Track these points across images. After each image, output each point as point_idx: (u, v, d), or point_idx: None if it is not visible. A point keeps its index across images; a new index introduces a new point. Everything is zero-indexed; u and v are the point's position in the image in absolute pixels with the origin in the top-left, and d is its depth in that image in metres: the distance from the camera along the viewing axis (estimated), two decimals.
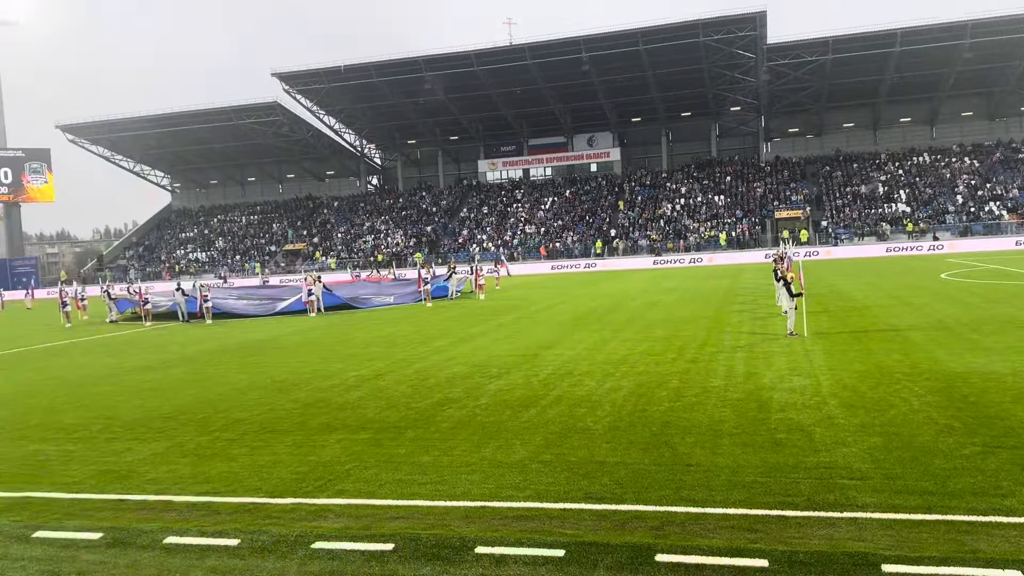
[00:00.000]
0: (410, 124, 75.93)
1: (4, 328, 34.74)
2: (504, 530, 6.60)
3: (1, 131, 79.79)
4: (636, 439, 9.26)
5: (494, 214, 72.62)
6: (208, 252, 78.34)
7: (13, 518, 7.63)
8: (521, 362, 15.42)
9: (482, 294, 35.16)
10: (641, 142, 75.44)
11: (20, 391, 15.65)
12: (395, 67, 64.99)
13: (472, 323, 23.78)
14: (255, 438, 10.39)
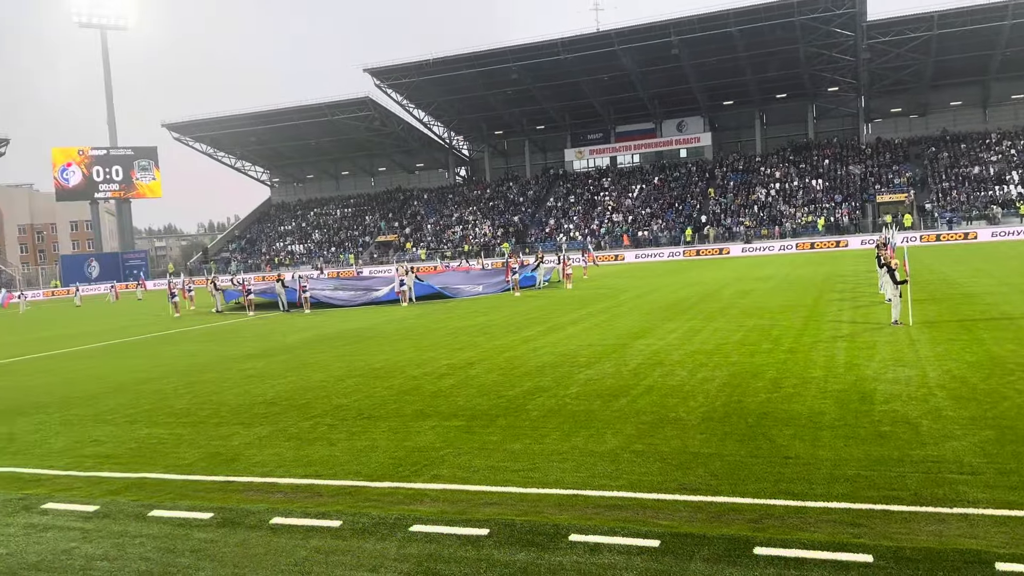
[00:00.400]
0: (497, 115, 76.35)
1: (117, 318, 36.89)
2: (597, 519, 6.60)
3: (112, 131, 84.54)
4: (731, 430, 9.08)
5: (581, 203, 72.30)
6: (305, 244, 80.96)
7: (130, 497, 8.11)
8: (610, 351, 15.34)
9: (569, 283, 35.11)
10: (733, 126, 73.57)
11: (133, 378, 16.60)
12: (482, 59, 65.44)
13: (560, 312, 23.78)
14: (353, 424, 10.72)
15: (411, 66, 67.04)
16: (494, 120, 78.22)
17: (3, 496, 8.42)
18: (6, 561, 6.53)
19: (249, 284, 35.37)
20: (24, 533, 7.22)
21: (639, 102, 71.23)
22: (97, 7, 79.28)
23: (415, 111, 75.46)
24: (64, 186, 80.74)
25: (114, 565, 6.30)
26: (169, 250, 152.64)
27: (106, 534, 7.04)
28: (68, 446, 10.60)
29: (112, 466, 9.37)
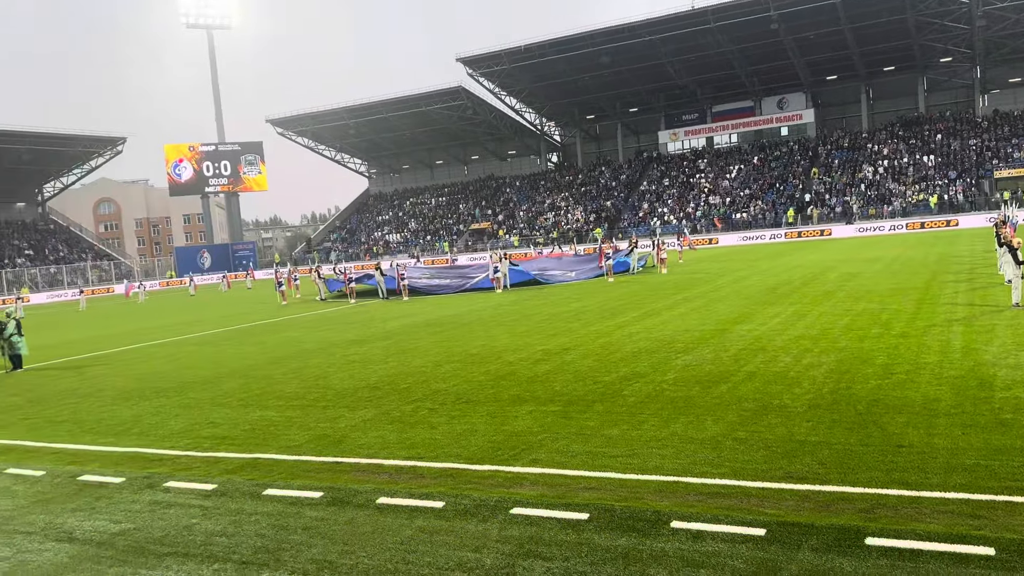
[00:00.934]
0: (589, 99, 75.76)
1: (229, 306, 38.70)
2: (700, 506, 6.51)
3: (220, 127, 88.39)
4: (840, 418, 8.77)
5: (676, 186, 71.00)
6: (401, 233, 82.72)
7: (246, 476, 8.52)
8: (709, 337, 15.04)
9: (664, 268, 34.59)
10: (837, 101, 70.55)
11: (245, 363, 17.40)
12: (573, 43, 64.97)
13: (655, 298, 23.48)
14: (452, 408, 10.92)
15: (503, 53, 67.26)
16: (586, 104, 77.63)
17: (130, 474, 9.00)
18: (134, 536, 6.98)
19: (350, 273, 36.44)
20: (149, 509, 7.70)
21: (736, 80, 69.21)
22: (204, 8, 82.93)
23: (507, 98, 75.74)
24: (177, 181, 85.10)
25: (232, 541, 6.64)
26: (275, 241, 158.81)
27: (224, 511, 7.43)
28: (187, 428, 11.22)
29: (228, 447, 9.87)
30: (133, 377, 16.75)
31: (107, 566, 6.33)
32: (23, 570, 6.39)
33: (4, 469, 9.73)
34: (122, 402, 13.76)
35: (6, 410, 13.98)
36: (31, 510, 7.97)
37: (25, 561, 6.58)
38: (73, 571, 6.28)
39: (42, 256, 79.48)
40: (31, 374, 18.78)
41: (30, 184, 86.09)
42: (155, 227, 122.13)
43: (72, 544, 6.90)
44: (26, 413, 13.51)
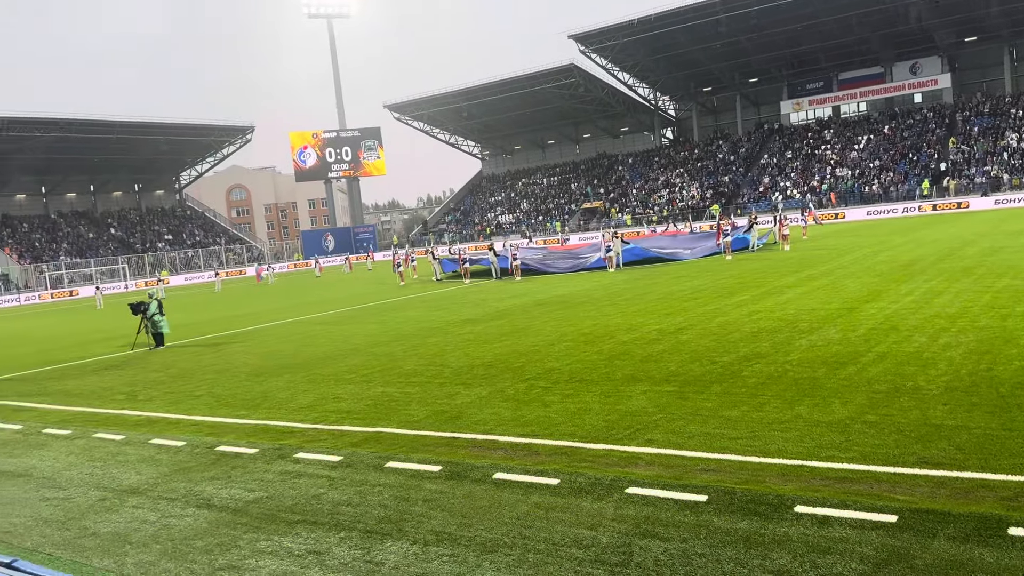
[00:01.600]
0: (705, 71, 73.60)
1: (351, 287, 40.18)
2: (826, 491, 6.25)
3: (341, 114, 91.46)
4: (980, 401, 8.20)
5: (799, 158, 68.06)
6: (514, 214, 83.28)
7: (369, 449, 8.84)
8: (835, 316, 14.38)
9: (787, 245, 33.28)
10: (977, 65, 65.57)
11: (367, 341, 18.02)
12: (689, 13, 63.16)
13: (777, 276, 22.64)
14: (566, 386, 10.93)
15: (615, 28, 66.21)
16: (702, 76, 75.47)
17: (262, 445, 9.50)
18: (266, 504, 7.38)
19: (464, 254, 37.04)
20: (280, 479, 8.11)
21: (865, 45, 65.43)
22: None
23: (619, 74, 74.59)
24: (301, 167, 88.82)
25: (357, 511, 6.91)
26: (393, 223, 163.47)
27: (349, 482, 7.74)
28: (313, 402, 11.74)
29: (352, 421, 10.26)
30: (264, 354, 17.67)
31: (242, 532, 6.71)
32: (167, 533, 6.87)
33: (149, 439, 10.48)
34: (254, 377, 14.55)
35: (150, 385, 15.07)
36: (173, 478, 8.55)
37: (169, 525, 7.07)
38: (212, 535, 6.70)
39: (180, 240, 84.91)
40: (172, 351, 20.14)
41: (168, 172, 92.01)
42: (282, 212, 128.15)
43: (210, 510, 7.36)
44: (168, 388, 14.51)
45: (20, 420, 12.81)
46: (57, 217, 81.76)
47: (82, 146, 75.27)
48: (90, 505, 7.89)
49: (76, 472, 9.24)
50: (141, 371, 17.05)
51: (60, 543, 6.88)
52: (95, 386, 15.57)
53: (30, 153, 71.77)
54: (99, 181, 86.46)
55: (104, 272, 71.82)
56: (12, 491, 8.71)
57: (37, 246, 74.95)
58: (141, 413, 12.35)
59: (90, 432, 11.30)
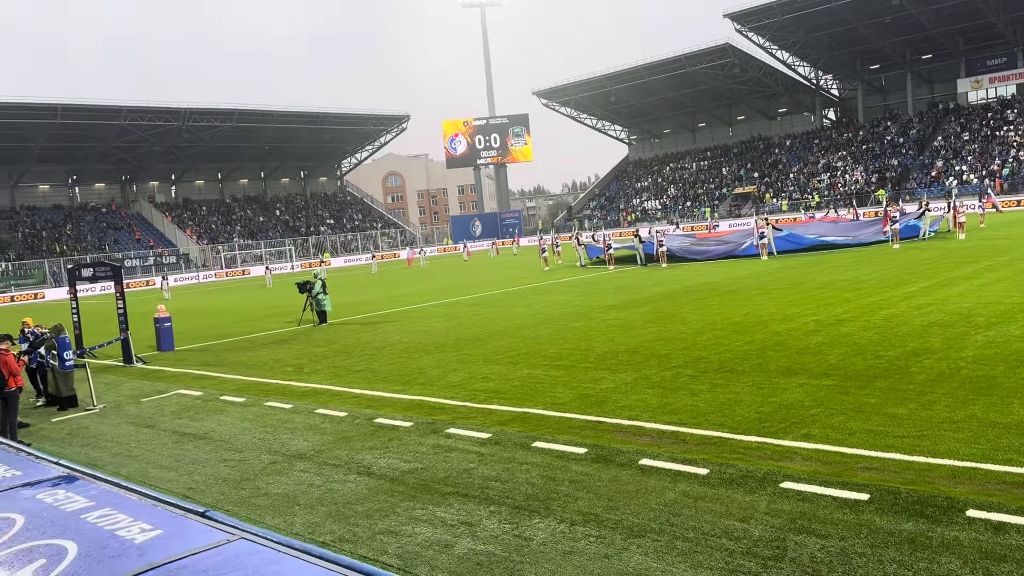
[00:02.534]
0: (873, 47, 68.96)
1: (498, 271, 40.96)
2: (1001, 496, 5.79)
3: (490, 102, 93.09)
4: None
5: (977, 141, 62.58)
6: (660, 200, 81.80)
7: (516, 428, 9.03)
8: (1017, 311, 13.18)
9: (962, 233, 30.76)
10: None
11: (513, 324, 18.34)
12: None
13: (950, 266, 21.02)
14: (715, 376, 10.68)
15: (774, 5, 63.27)
16: (869, 54, 70.77)
17: (416, 419, 9.93)
18: (421, 475, 7.72)
19: (609, 239, 36.83)
20: (433, 452, 8.46)
21: None
22: None
23: (778, 52, 71.29)
24: (452, 154, 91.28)
25: (505, 486, 7.10)
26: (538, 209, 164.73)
27: (498, 459, 7.96)
28: (463, 381, 12.12)
29: (500, 400, 10.51)
30: (417, 333, 18.40)
31: (399, 499, 7.07)
32: (331, 497, 7.35)
33: (314, 409, 11.20)
34: (408, 355, 15.20)
35: (315, 359, 16.06)
36: (336, 445, 9.11)
37: (333, 489, 7.56)
38: (371, 501, 7.10)
39: (341, 224, 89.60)
40: (334, 328, 21.35)
41: (331, 160, 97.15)
42: (433, 197, 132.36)
43: (370, 478, 7.79)
44: (331, 362, 15.42)
45: (201, 387, 14.04)
46: (231, 201, 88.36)
47: (254, 135, 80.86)
48: (263, 467, 8.56)
49: (250, 436, 10.03)
50: (306, 346, 18.21)
51: (236, 500, 7.51)
52: (266, 358, 16.79)
53: (209, 142, 77.95)
54: (269, 168, 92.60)
55: (272, 253, 77.00)
56: (195, 452, 9.59)
57: (214, 228, 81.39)
58: (307, 384, 13.22)
59: (262, 400, 12.23)
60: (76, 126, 67.50)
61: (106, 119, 68.50)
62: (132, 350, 17.97)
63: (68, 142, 71.09)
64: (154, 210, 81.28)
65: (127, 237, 76.17)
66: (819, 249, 31.06)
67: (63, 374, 13.35)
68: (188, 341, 21.20)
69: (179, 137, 75.07)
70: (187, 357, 18.30)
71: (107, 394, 14.21)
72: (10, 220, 72.10)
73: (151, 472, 8.80)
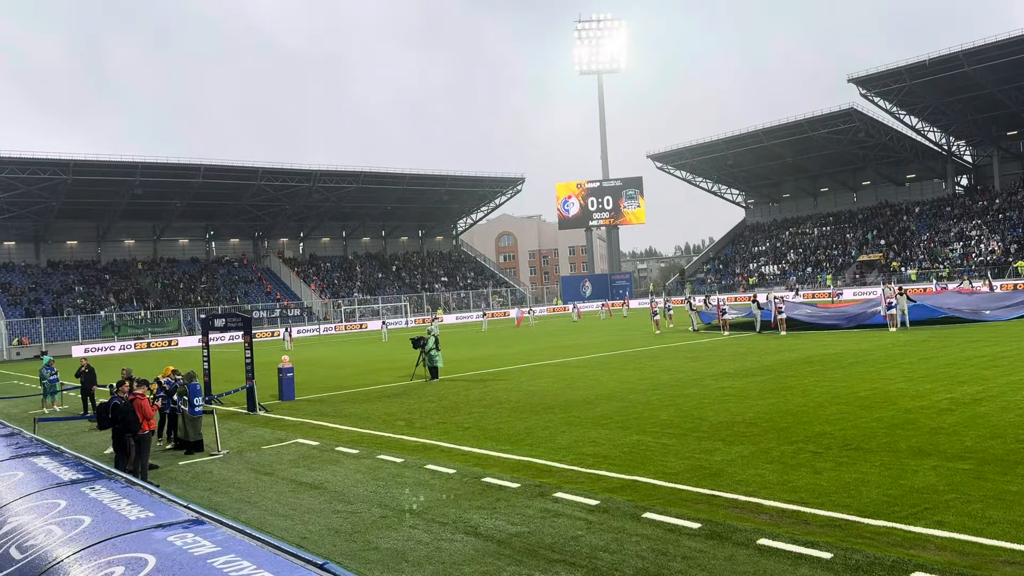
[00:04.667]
0: (1010, 113, 65.46)
1: (607, 333, 40.62)
2: None
3: (604, 164, 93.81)
4: None
5: None
6: (779, 264, 79.44)
7: (625, 497, 8.83)
8: None
9: None
10: None
11: (623, 387, 18.09)
12: (992, 51, 56.84)
13: None
14: (839, 453, 10.14)
15: (903, 70, 61.36)
16: (1006, 119, 67.17)
17: (524, 481, 9.88)
18: (528, 539, 7.64)
19: (724, 304, 35.97)
20: (541, 516, 8.37)
21: None
22: (595, 55, 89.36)
23: (906, 118, 68.79)
24: (565, 216, 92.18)
25: (615, 558, 6.92)
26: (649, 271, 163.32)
27: (607, 528, 7.78)
28: (571, 443, 12.00)
29: (608, 466, 10.33)
30: (525, 392, 18.42)
31: (505, 563, 7.01)
32: (439, 555, 7.37)
33: (424, 464, 11.34)
34: (517, 414, 15.21)
35: (426, 414, 16.32)
36: (445, 503, 9.17)
37: (440, 548, 7.58)
38: (478, 563, 7.07)
39: (454, 282, 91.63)
40: (445, 384, 21.67)
41: (448, 220, 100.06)
42: (545, 258, 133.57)
43: (477, 539, 7.78)
44: (441, 418, 15.62)
45: (317, 437, 14.50)
46: (353, 258, 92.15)
47: (378, 195, 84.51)
48: (373, 521, 8.70)
49: (362, 489, 10.24)
50: (418, 400, 18.55)
51: (347, 553, 7.65)
52: (380, 411, 17.20)
53: (335, 202, 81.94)
54: (389, 227, 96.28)
55: (389, 308, 79.41)
56: (310, 501, 9.86)
57: (336, 283, 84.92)
58: (418, 439, 13.43)
59: (375, 453, 12.49)
60: (216, 185, 72.54)
61: (244, 179, 73.34)
62: (256, 398, 18.80)
63: (208, 200, 76.39)
64: (282, 265, 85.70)
65: (256, 290, 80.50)
66: (955, 322, 29.24)
67: (192, 419, 14.10)
68: (308, 391, 21.99)
69: (309, 197, 79.31)
70: (306, 407, 18.98)
71: (231, 440, 14.89)
72: (151, 271, 77.68)
73: (268, 519, 9.10)
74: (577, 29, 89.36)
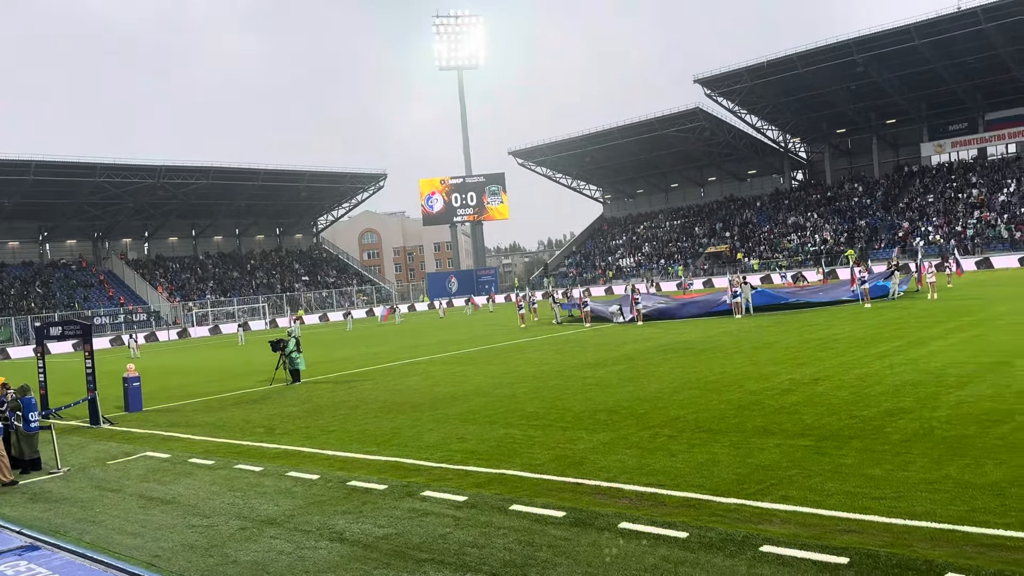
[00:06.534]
0: (839, 112, 71.15)
1: (473, 328, 40.86)
2: (980, 558, 5.77)
3: (467, 160, 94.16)
4: None
5: (941, 202, 64.27)
6: (635, 257, 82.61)
7: (493, 491, 8.89)
8: (987, 371, 13.36)
9: (934, 293, 31.30)
10: None
11: (490, 382, 18.23)
12: (822, 54, 61.47)
13: (921, 326, 21.33)
14: (692, 436, 10.65)
15: (743, 71, 65.26)
16: (835, 118, 72.94)
17: (391, 482, 9.75)
18: (395, 540, 7.54)
19: (586, 297, 36.98)
20: (409, 516, 8.28)
21: (1014, 84, 61.47)
22: (455, 51, 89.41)
23: (747, 116, 73.26)
24: (429, 212, 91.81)
25: (482, 552, 6.95)
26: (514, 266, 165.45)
27: (475, 523, 7.80)
28: (439, 441, 11.96)
29: (476, 461, 10.37)
30: (392, 392, 18.20)
31: (372, 567, 6.88)
32: (302, 564, 7.14)
33: (285, 472, 10.96)
34: (383, 414, 15.00)
35: (287, 419, 15.79)
36: (308, 510, 8.90)
37: (304, 557, 7.35)
38: (344, 570, 6.91)
39: (316, 281, 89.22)
40: (307, 387, 21.07)
41: (307, 217, 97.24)
42: (410, 254, 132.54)
43: (343, 544, 7.59)
44: (304, 422, 15.16)
45: (168, 449, 13.71)
46: (204, 258, 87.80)
47: (229, 192, 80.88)
48: (231, 534, 8.32)
49: (219, 501, 9.77)
50: (279, 405, 17.92)
51: (203, 569, 7.27)
52: (237, 419, 16.48)
53: (183, 199, 77.74)
54: (243, 225, 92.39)
55: (245, 311, 76.27)
56: (162, 517, 9.31)
57: (186, 285, 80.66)
58: (278, 446, 12.96)
59: (231, 463, 11.95)
60: (50, 183, 67.08)
61: (81, 176, 68.23)
62: (99, 411, 17.56)
63: (40, 198, 70.56)
64: (126, 267, 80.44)
65: (98, 294, 75.16)
66: (792, 307, 31.41)
67: (27, 436, 12.97)
68: (157, 401, 20.79)
69: (153, 194, 74.87)
70: (156, 418, 17.92)
71: (72, 457, 13.84)
72: None
73: (115, 539, 8.52)
74: (435, 24, 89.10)
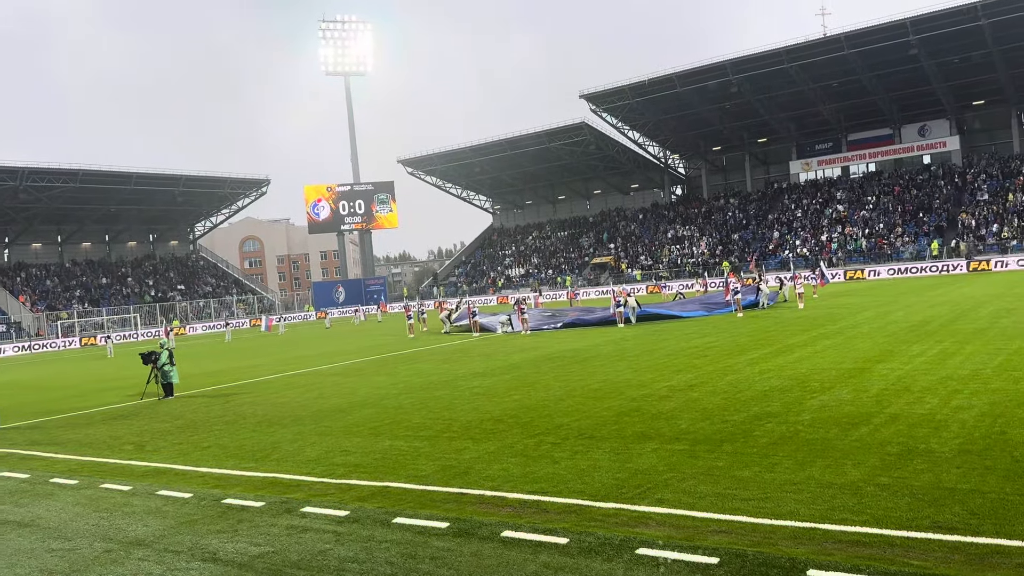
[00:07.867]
0: (715, 130, 74.60)
1: (361, 338, 40.21)
2: (839, 554, 6.16)
3: (355, 168, 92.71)
4: (994, 465, 8.11)
5: (808, 217, 68.38)
6: (524, 267, 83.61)
7: (376, 504, 8.77)
8: (847, 376, 14.31)
9: (801, 303, 33.22)
10: (986, 127, 66.15)
11: (376, 393, 17.99)
12: (700, 74, 64.33)
13: (788, 334, 22.58)
14: (575, 443, 10.86)
15: (626, 88, 67.39)
16: (712, 136, 76.46)
17: (269, 498, 9.44)
18: (272, 559, 7.31)
19: (474, 307, 37.12)
20: (287, 533, 8.04)
21: (874, 108, 66.33)
22: (342, 57, 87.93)
23: (630, 132, 75.69)
24: (315, 220, 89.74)
25: (363, 567, 6.84)
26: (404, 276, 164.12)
27: (356, 538, 7.67)
28: (322, 455, 11.69)
29: (360, 474, 10.20)
30: (273, 405, 17.65)
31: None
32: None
33: (156, 491, 10.43)
34: (263, 429, 14.52)
35: (158, 435, 15.04)
36: (179, 531, 8.49)
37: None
38: None
39: (193, 291, 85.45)
40: (181, 401, 20.14)
41: (183, 223, 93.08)
42: (295, 263, 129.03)
43: (216, 564, 7.29)
44: (177, 438, 14.48)
45: (28, 469, 12.79)
46: (72, 265, 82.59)
47: (99, 196, 76.42)
48: (95, 557, 7.84)
49: (82, 523, 9.19)
50: (150, 421, 17.04)
51: None
52: (104, 435, 15.56)
53: (47, 203, 72.90)
54: (114, 231, 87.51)
55: (116, 321, 72.19)
56: (18, 541, 8.67)
57: (50, 294, 75.60)
58: (149, 464, 12.32)
59: (97, 482, 11.26)
60: None
61: None
62: None
63: None
64: None
65: None
66: (671, 319, 32.58)
67: None
68: (15, 418, 19.36)
69: (15, 198, 69.85)
70: (13, 435, 16.67)
71: None
72: None
73: None
74: (321, 29, 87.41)
